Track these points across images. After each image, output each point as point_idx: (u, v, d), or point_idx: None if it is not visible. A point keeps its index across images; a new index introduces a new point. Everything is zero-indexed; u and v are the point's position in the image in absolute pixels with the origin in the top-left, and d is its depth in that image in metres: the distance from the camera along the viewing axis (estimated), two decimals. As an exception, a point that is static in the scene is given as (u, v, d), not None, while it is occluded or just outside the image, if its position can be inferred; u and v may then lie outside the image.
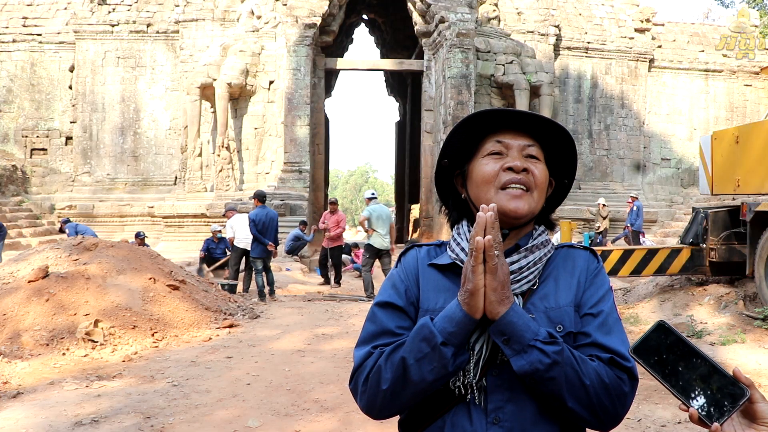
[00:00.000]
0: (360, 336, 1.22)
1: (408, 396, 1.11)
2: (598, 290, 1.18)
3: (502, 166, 1.18)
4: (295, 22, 15.90)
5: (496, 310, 1.05)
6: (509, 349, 1.05)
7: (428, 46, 17.21)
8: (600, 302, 1.16)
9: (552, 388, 1.05)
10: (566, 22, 19.54)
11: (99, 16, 18.27)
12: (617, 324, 1.16)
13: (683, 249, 7.71)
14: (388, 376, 1.10)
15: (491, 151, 1.20)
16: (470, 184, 1.23)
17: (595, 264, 1.22)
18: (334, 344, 6.13)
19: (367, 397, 1.15)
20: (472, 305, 1.05)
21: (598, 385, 1.07)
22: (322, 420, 4.06)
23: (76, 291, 5.99)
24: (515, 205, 1.16)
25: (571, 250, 1.23)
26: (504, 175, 1.17)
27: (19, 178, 18.13)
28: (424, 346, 1.07)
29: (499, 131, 1.20)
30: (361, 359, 1.17)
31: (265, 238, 9.17)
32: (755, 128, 7.43)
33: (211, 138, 17.17)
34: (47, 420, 3.90)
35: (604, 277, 1.21)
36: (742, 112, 20.68)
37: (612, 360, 1.10)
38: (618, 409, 1.10)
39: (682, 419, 4.22)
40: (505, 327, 1.05)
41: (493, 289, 1.04)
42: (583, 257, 1.22)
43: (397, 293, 1.21)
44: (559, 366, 1.04)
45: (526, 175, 1.17)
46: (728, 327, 6.63)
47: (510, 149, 1.19)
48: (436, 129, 17.05)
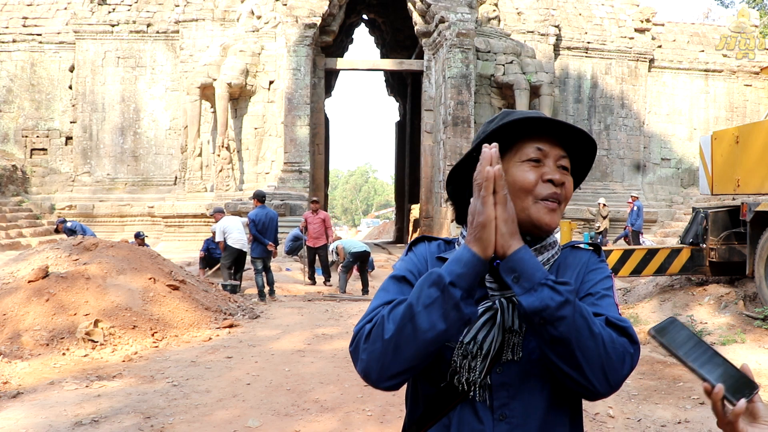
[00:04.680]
0: (370, 305, 1.16)
1: (413, 350, 1.03)
2: (597, 275, 1.18)
3: (541, 176, 1.16)
4: (295, 22, 15.90)
5: (507, 243, 1.03)
6: (519, 287, 1.02)
7: (428, 46, 17.21)
8: (598, 284, 1.17)
9: (562, 330, 0.99)
10: (566, 22, 19.54)
11: (99, 16, 18.28)
12: (614, 304, 1.15)
13: (683, 249, 7.71)
14: (392, 326, 1.03)
15: (531, 158, 1.17)
16: None
17: (596, 258, 1.23)
18: (334, 344, 6.13)
19: (367, 354, 1.06)
20: (484, 239, 1.02)
21: (606, 338, 1.02)
22: (322, 420, 4.06)
23: (76, 291, 5.99)
24: (551, 219, 1.16)
25: (576, 250, 1.24)
26: (544, 187, 1.16)
27: (19, 178, 18.13)
28: (434, 291, 1.02)
29: (538, 137, 1.19)
30: (365, 320, 1.10)
31: (265, 238, 9.15)
32: (755, 128, 7.43)
33: (211, 138, 17.17)
34: (47, 420, 3.90)
35: (605, 269, 1.21)
36: (742, 112, 20.68)
37: (611, 322, 1.07)
38: (624, 368, 1.04)
39: (682, 419, 4.22)
40: (516, 263, 1.02)
41: (504, 220, 1.02)
42: (587, 255, 1.23)
43: (412, 272, 1.19)
44: (570, 305, 0.99)
45: (561, 190, 1.18)
46: (728, 327, 6.63)
47: (547, 157, 1.18)
48: (436, 129, 17.05)
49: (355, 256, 10.39)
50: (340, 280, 10.34)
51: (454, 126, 15.67)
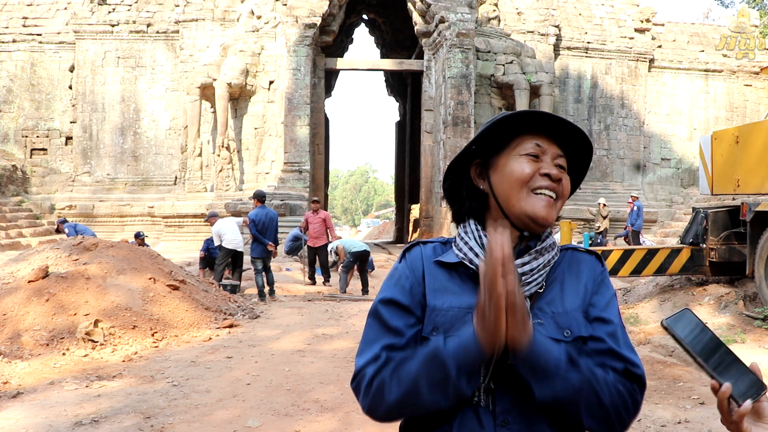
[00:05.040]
0: (364, 335, 1.17)
1: (416, 411, 1.10)
2: (605, 296, 1.18)
3: (538, 170, 1.16)
4: (295, 22, 15.90)
5: (518, 342, 1.01)
6: (532, 377, 1.04)
7: (428, 46, 17.21)
8: (608, 307, 1.17)
9: (572, 410, 1.05)
10: (566, 22, 19.55)
11: (99, 16, 18.28)
12: (624, 331, 1.17)
13: (683, 249, 7.71)
14: (396, 392, 1.07)
15: (529, 152, 1.17)
16: (497, 177, 1.19)
17: (600, 269, 1.22)
18: (334, 344, 6.13)
19: (369, 403, 1.11)
20: (493, 332, 1.00)
21: (616, 400, 1.07)
22: (322, 420, 4.06)
23: (76, 291, 5.99)
24: (547, 213, 1.15)
25: (576, 254, 1.23)
26: (539, 179, 1.15)
27: (19, 178, 18.13)
28: (438, 373, 1.04)
29: (537, 133, 1.18)
30: (366, 361, 1.13)
31: (265, 238, 9.16)
32: (755, 128, 7.43)
33: (211, 138, 17.17)
34: (47, 420, 3.90)
35: (609, 283, 1.22)
36: (742, 112, 20.69)
37: (626, 370, 1.10)
38: (631, 417, 1.10)
39: (682, 419, 4.22)
40: (528, 358, 1.03)
41: (514, 324, 1.00)
42: (588, 262, 1.22)
43: (402, 290, 1.17)
44: (581, 392, 1.04)
45: (559, 185, 1.17)
46: (728, 327, 6.63)
47: (545, 155, 1.17)
48: (436, 129, 17.05)
49: (355, 256, 10.40)
50: (340, 280, 10.35)
51: (454, 126, 15.67)
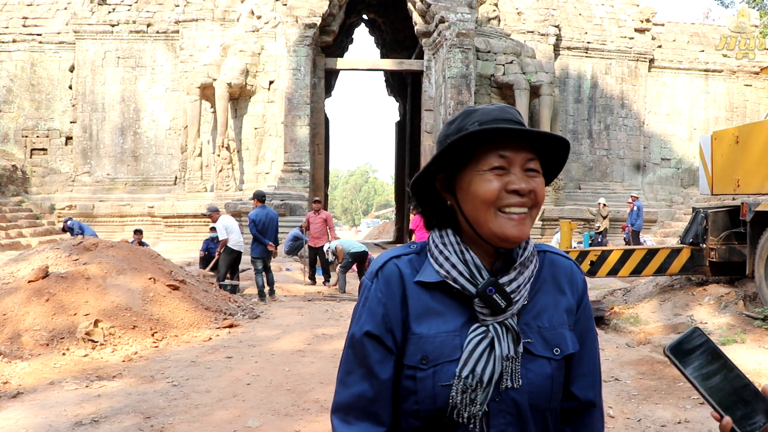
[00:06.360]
0: (341, 367, 1.14)
1: None
2: (588, 320, 1.20)
3: (505, 186, 1.07)
4: (295, 22, 15.90)
5: None
6: None
7: (428, 46, 17.21)
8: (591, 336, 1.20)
9: None
10: (566, 22, 19.55)
11: (99, 16, 18.28)
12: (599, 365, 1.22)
13: (683, 249, 7.71)
14: None
15: (494, 166, 1.07)
16: (463, 195, 1.11)
17: (580, 278, 1.20)
18: (334, 344, 6.12)
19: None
20: None
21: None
22: (322, 420, 4.06)
23: (76, 291, 5.99)
24: (518, 232, 1.07)
25: (555, 259, 1.18)
26: (507, 197, 1.07)
27: (19, 178, 18.13)
28: None
29: (500, 143, 1.08)
30: (339, 405, 1.12)
31: (265, 238, 9.16)
32: (755, 128, 7.44)
33: (211, 138, 17.18)
34: (47, 420, 3.90)
35: (587, 298, 1.21)
36: (742, 112, 20.69)
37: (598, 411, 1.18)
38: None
39: (682, 419, 4.22)
40: None
41: None
42: (567, 272, 1.18)
43: (375, 319, 1.11)
44: None
45: (530, 197, 1.08)
46: (728, 327, 6.63)
47: (513, 165, 1.07)
48: (436, 129, 17.05)
49: (354, 257, 10.41)
50: (340, 280, 10.35)
51: (454, 126, 15.67)
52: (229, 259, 9.63)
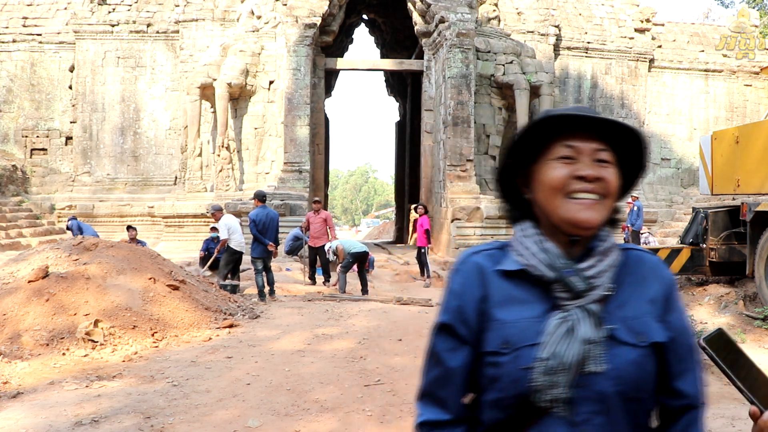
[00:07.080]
0: (424, 368, 1.19)
1: None
2: (682, 316, 1.16)
3: (572, 173, 1.10)
4: (295, 22, 15.90)
5: None
6: None
7: (428, 46, 17.20)
8: (689, 332, 1.15)
9: None
10: (566, 22, 19.55)
11: (99, 16, 18.28)
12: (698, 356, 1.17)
13: (683, 249, 7.72)
14: None
15: (561, 155, 1.11)
16: (536, 187, 1.14)
17: (666, 273, 1.19)
18: (334, 344, 6.12)
19: None
20: None
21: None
22: (322, 420, 4.06)
23: (76, 291, 5.99)
24: (587, 216, 1.08)
25: (640, 255, 1.19)
26: (573, 183, 1.09)
27: (19, 178, 18.13)
28: None
29: (568, 134, 1.12)
30: (425, 403, 1.18)
31: (266, 238, 9.16)
32: (755, 128, 7.44)
33: (211, 138, 17.17)
34: (47, 420, 3.90)
35: (677, 294, 1.19)
36: (742, 112, 20.69)
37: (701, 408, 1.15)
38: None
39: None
40: None
41: None
42: (653, 267, 1.18)
43: (459, 312, 1.14)
44: None
45: (599, 184, 1.10)
46: (728, 327, 6.63)
47: (581, 154, 1.11)
48: (436, 129, 17.04)
49: (354, 257, 10.41)
50: (340, 280, 10.36)
51: (454, 126, 15.67)
52: (231, 259, 9.60)
